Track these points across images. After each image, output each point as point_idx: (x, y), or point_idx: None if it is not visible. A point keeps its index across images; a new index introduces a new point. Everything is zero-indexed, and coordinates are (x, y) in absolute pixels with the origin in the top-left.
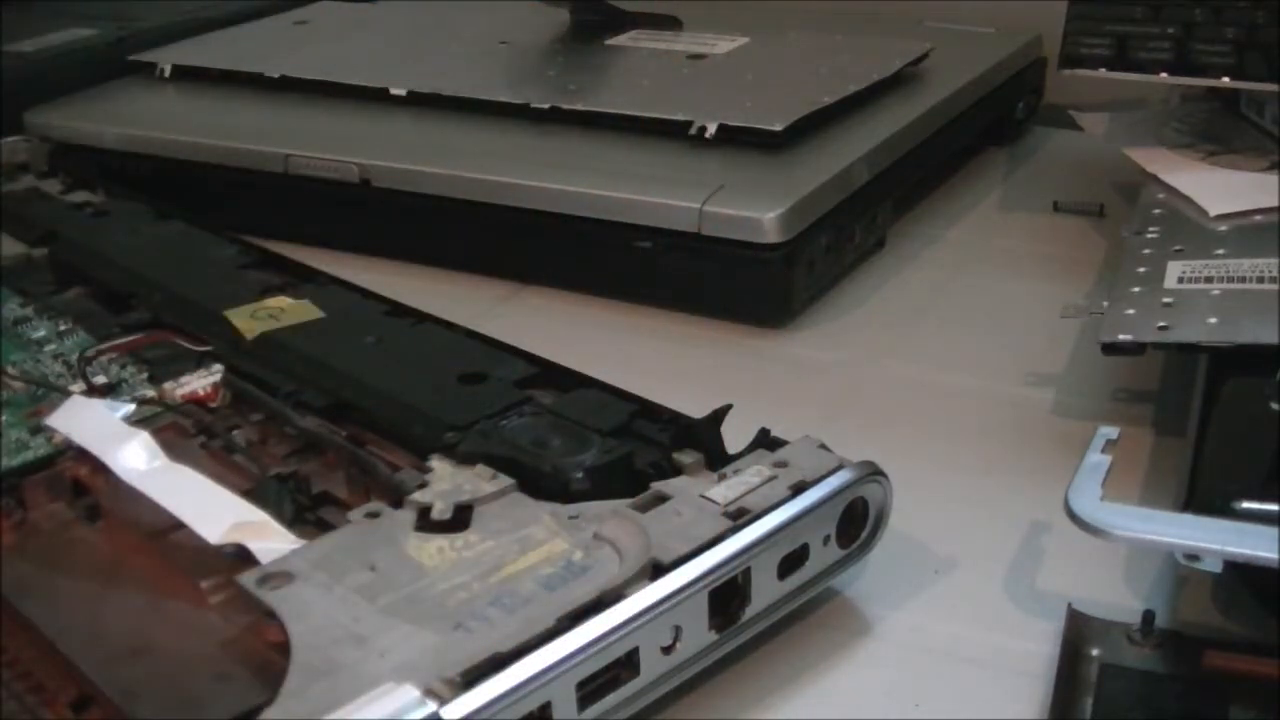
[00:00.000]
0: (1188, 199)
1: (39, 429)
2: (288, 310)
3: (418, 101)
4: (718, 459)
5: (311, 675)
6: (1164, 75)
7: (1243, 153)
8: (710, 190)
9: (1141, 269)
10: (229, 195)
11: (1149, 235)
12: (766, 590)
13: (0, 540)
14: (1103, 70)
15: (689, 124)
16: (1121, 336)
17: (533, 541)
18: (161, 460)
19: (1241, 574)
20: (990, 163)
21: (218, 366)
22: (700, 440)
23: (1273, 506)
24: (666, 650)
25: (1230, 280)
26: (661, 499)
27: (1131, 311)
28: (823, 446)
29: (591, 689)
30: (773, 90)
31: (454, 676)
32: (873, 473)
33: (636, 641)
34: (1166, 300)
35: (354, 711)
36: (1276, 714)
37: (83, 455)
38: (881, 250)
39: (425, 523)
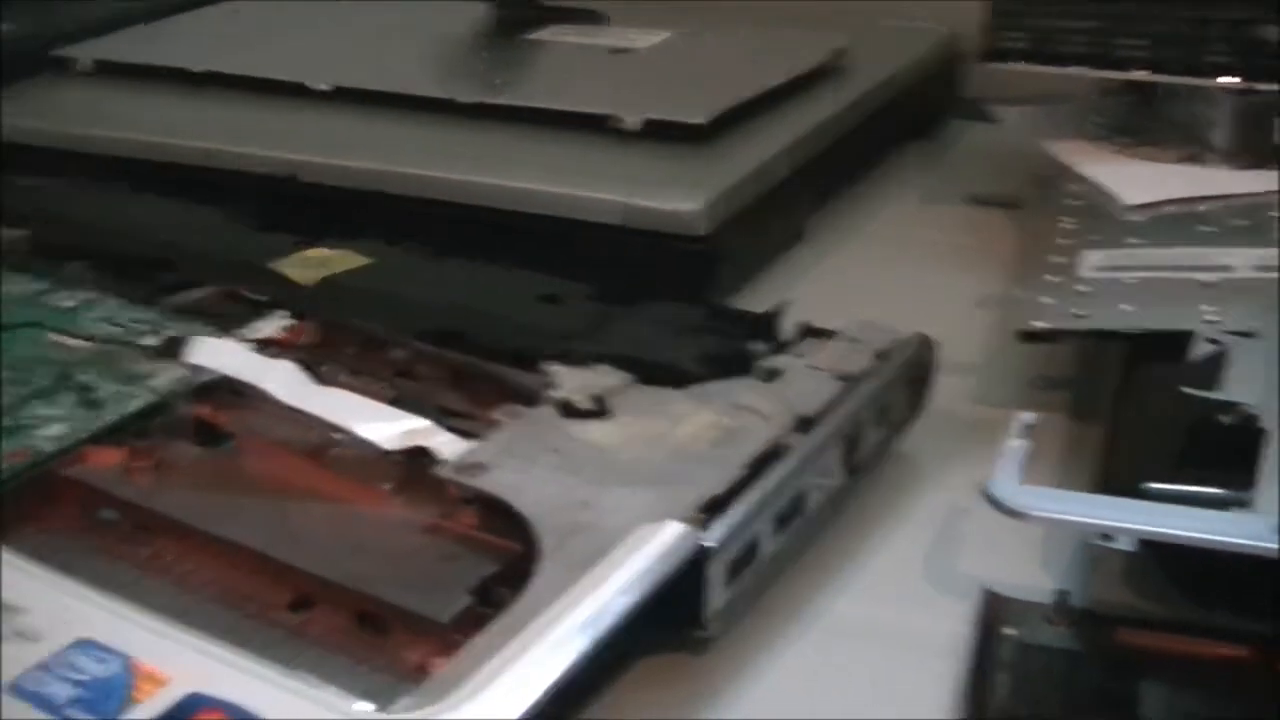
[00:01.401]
0: (1104, 190)
1: (133, 378)
2: (334, 259)
3: (342, 97)
4: (780, 348)
5: (561, 535)
6: (1083, 68)
7: (1158, 145)
8: (633, 184)
9: (1058, 259)
10: (155, 191)
11: (1066, 225)
12: (870, 439)
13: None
14: (1023, 63)
15: (612, 118)
16: (1038, 324)
17: (680, 417)
18: (312, 383)
19: (1154, 553)
20: (910, 156)
21: (281, 312)
22: (766, 331)
23: (1181, 487)
24: (820, 490)
25: (1144, 269)
26: (774, 373)
27: (1048, 300)
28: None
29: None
30: (695, 85)
31: (695, 515)
32: (927, 341)
33: (805, 482)
34: (1082, 289)
35: (628, 553)
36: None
37: (201, 395)
38: (800, 243)
39: (572, 413)
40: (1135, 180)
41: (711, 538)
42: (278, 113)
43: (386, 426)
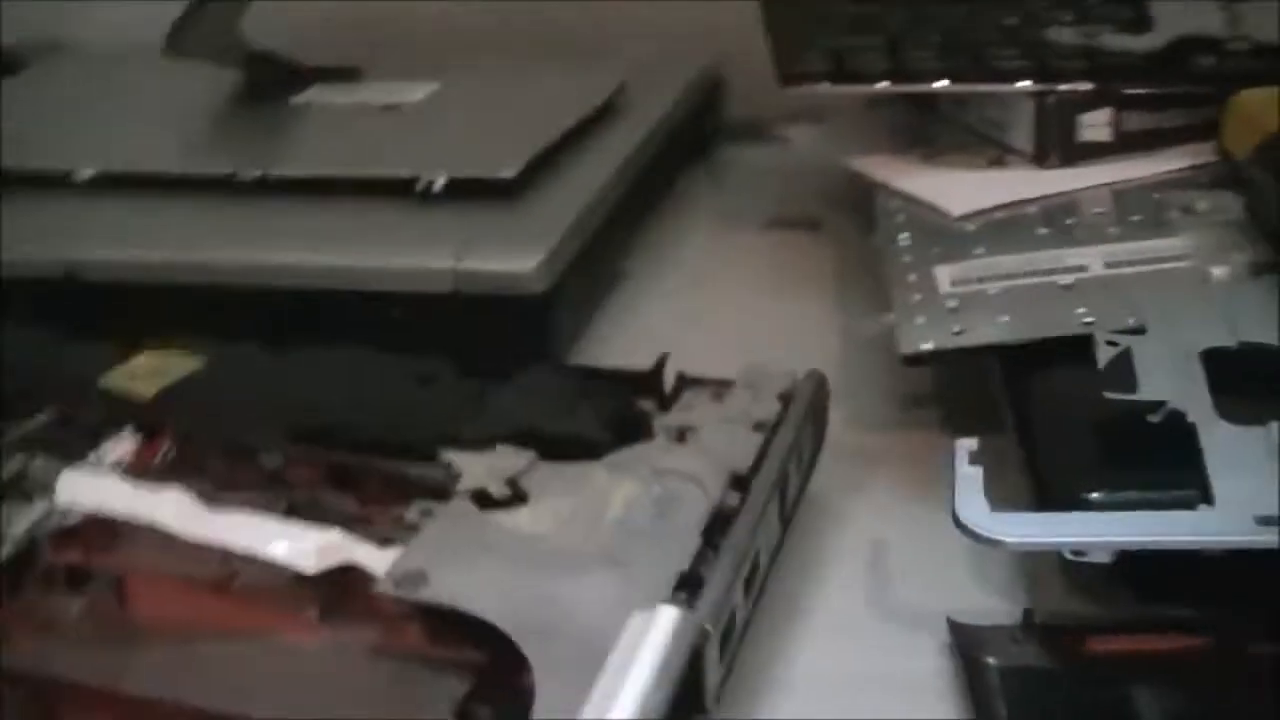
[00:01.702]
0: (926, 203)
1: None
2: (167, 364)
3: (107, 183)
4: (667, 401)
5: (540, 638)
6: (885, 85)
7: (960, 151)
8: (457, 247)
9: (911, 276)
10: None
11: (902, 243)
12: (794, 487)
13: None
14: (826, 84)
15: (413, 180)
16: (923, 346)
17: (603, 492)
18: (203, 507)
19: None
20: (695, 184)
21: (125, 431)
22: (652, 387)
23: (1126, 493)
24: (766, 548)
25: (1001, 278)
26: (685, 430)
27: (922, 320)
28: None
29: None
30: (486, 135)
31: (676, 596)
32: (822, 379)
33: (757, 542)
34: (951, 305)
35: (635, 649)
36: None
37: (65, 537)
38: (620, 282)
39: (488, 504)
40: (954, 190)
41: (704, 618)
42: (40, 206)
43: (296, 545)
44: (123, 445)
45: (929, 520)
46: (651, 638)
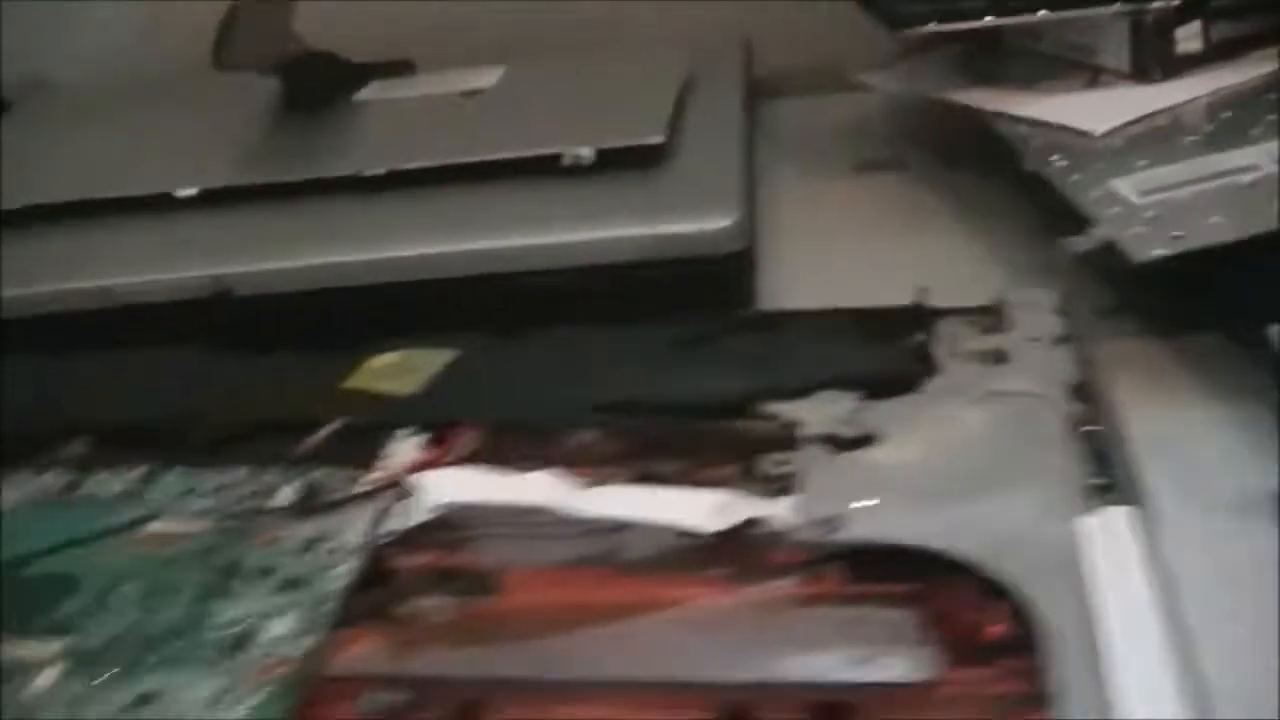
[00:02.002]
0: (1060, 126)
1: (309, 543)
2: (417, 359)
3: (208, 200)
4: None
5: (997, 556)
6: (989, 19)
7: (1047, 79)
8: (649, 214)
9: (1093, 193)
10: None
11: (1059, 164)
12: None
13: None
14: (934, 24)
15: (557, 156)
16: (1155, 253)
17: (950, 419)
18: (568, 486)
19: None
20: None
21: (402, 432)
22: (919, 323)
23: None
24: None
25: (1185, 185)
26: (1001, 354)
27: (1139, 229)
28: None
29: None
30: (597, 110)
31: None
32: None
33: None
34: (1149, 214)
35: (1109, 553)
36: None
37: (407, 542)
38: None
39: (844, 445)
40: (1080, 111)
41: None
42: (157, 229)
43: (693, 509)
44: (408, 446)
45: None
46: (1120, 539)
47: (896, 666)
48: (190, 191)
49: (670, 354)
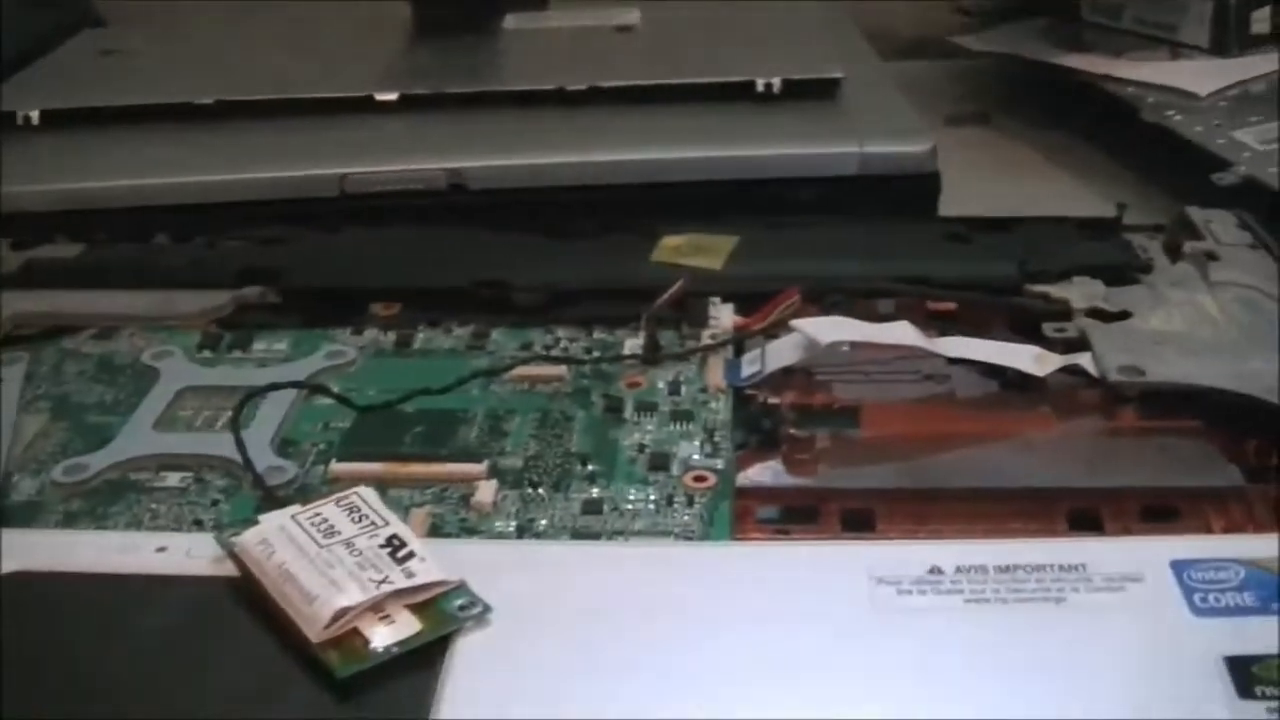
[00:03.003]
0: (1166, 87)
1: (675, 389)
2: (693, 244)
3: (408, 105)
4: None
5: None
6: None
7: (1133, 49)
8: (850, 136)
9: (1220, 140)
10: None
11: (1177, 118)
12: None
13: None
14: None
15: (749, 83)
16: None
17: (1186, 302)
18: (919, 334)
19: None
20: None
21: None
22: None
23: None
24: None
25: None
26: (1212, 255)
27: (1274, 169)
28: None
29: None
30: (763, 45)
31: None
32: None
33: None
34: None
35: None
36: None
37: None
38: None
39: (1107, 318)
40: (1179, 75)
41: None
42: (354, 129)
43: (1026, 356)
44: (725, 309)
45: None
46: None
47: (1209, 478)
48: (391, 96)
49: (940, 244)
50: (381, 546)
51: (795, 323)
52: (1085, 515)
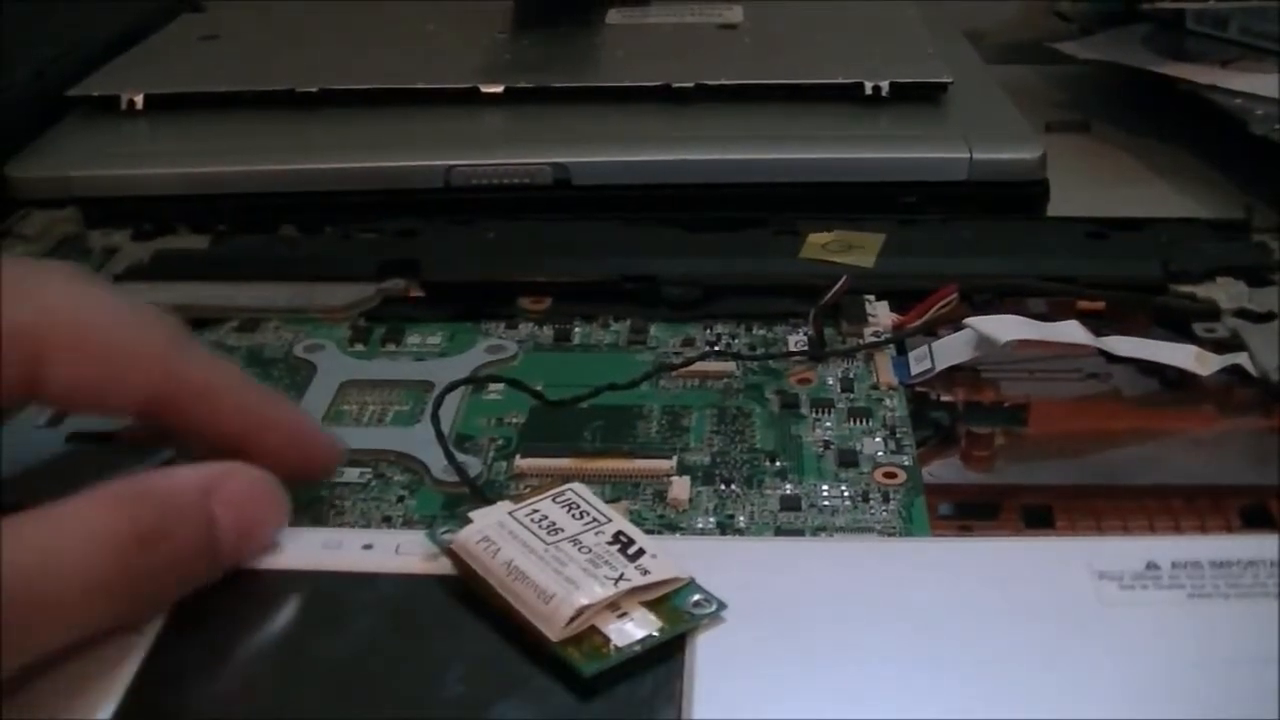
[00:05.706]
0: (1249, 95)
1: (847, 385)
2: (839, 240)
3: (512, 98)
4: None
5: None
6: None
7: (1238, 60)
8: (958, 141)
9: None
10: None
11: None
12: None
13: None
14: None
15: (858, 85)
16: None
17: None
18: (1087, 333)
19: None
20: None
21: (867, 297)
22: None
23: None
24: None
25: None
26: None
27: None
28: None
29: None
30: (870, 47)
31: None
32: None
33: None
34: None
35: None
36: None
37: (947, 383)
38: None
39: (1257, 319)
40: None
41: None
42: (458, 121)
43: (1186, 355)
44: (880, 308)
45: None
46: None
47: None
48: (497, 89)
49: (1077, 243)
50: (610, 543)
51: (969, 320)
52: (1259, 511)
